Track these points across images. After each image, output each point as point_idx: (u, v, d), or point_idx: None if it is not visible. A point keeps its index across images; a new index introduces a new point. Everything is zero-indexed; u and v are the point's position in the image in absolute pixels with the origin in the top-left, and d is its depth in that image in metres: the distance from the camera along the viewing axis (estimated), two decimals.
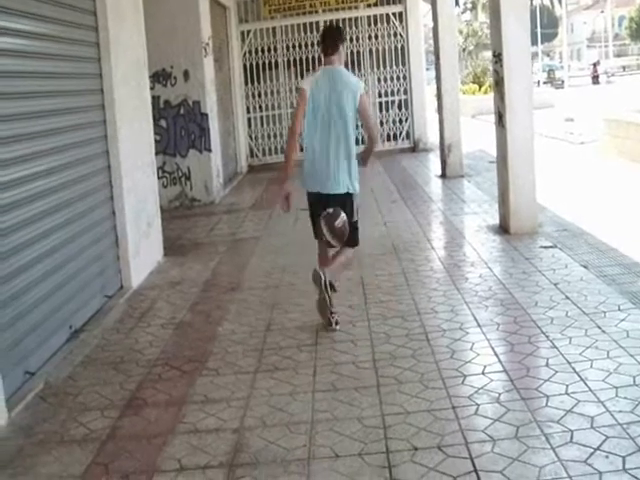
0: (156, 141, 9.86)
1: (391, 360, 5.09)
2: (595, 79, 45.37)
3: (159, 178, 10.43)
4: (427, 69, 20.09)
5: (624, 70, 55.24)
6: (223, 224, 11.01)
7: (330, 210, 5.82)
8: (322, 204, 5.95)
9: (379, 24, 17.51)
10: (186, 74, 12.45)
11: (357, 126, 6.03)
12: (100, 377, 5.30)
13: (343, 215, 5.79)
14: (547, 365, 4.77)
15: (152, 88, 10.52)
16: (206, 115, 12.65)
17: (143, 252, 7.93)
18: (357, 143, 6.03)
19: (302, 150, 6.15)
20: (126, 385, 5.10)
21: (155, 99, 11.57)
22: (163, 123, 12.42)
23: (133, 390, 5.01)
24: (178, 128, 12.62)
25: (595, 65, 48.14)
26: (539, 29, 44.14)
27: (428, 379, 4.72)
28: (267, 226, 10.36)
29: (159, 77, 12.32)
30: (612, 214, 9.32)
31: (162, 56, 11.94)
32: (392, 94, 17.81)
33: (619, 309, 5.66)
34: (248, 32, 17.32)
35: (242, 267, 8.21)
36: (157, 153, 9.67)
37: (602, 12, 70.57)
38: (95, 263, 6.82)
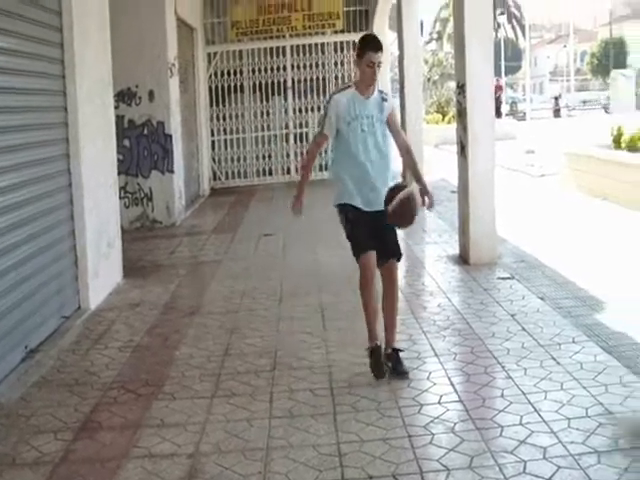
0: (119, 161, 9.82)
1: (348, 388, 5.11)
2: (556, 112, 46.02)
3: (121, 198, 10.36)
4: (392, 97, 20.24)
5: (584, 104, 56.11)
6: (184, 247, 10.97)
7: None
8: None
9: (345, 51, 17.63)
10: (151, 94, 12.43)
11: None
12: (54, 399, 5.24)
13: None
14: (502, 396, 4.81)
15: (117, 107, 10.52)
16: (170, 136, 12.63)
17: (102, 273, 7.87)
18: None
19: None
20: (81, 408, 5.05)
21: (119, 118, 11.53)
22: (126, 143, 12.36)
23: (88, 413, 4.96)
24: (141, 148, 12.57)
25: (557, 99, 48.82)
26: (503, 61, 44.75)
27: (384, 407, 4.74)
28: (228, 250, 10.34)
29: (124, 96, 12.29)
30: (570, 247, 9.44)
31: (127, 75, 11.90)
32: None
33: (574, 341, 5.74)
34: (215, 54, 17.36)
35: (202, 291, 8.19)
36: (119, 173, 9.62)
37: (565, 47, 71.72)
38: (53, 282, 6.75)
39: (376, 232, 5.32)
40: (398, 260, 5.49)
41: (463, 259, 8.63)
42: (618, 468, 3.78)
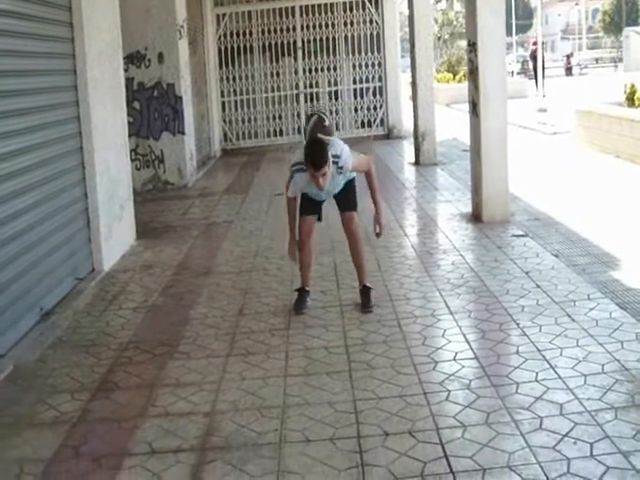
0: (129, 123, 9.76)
1: (363, 346, 5.11)
2: (568, 71, 45.58)
3: (132, 161, 10.35)
4: (402, 57, 20.10)
5: (597, 62, 55.56)
6: (196, 208, 10.96)
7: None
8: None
9: (355, 10, 17.48)
10: (160, 56, 12.36)
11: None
12: (71, 360, 5.26)
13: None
14: (517, 353, 4.81)
15: (126, 70, 10.47)
16: (180, 98, 12.57)
17: (115, 235, 7.87)
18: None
19: None
20: (97, 368, 5.07)
21: (129, 81, 11.48)
22: (137, 105, 12.32)
23: (104, 373, 4.99)
24: (152, 110, 12.53)
25: (569, 57, 48.35)
26: (514, 20, 44.21)
27: (400, 365, 4.74)
28: (240, 210, 10.33)
29: (133, 59, 12.22)
30: (583, 204, 9.40)
31: (136, 38, 11.86)
32: (367, 81, 17.80)
33: (589, 298, 5.72)
34: (223, 15, 17.22)
35: (215, 251, 8.18)
36: (130, 135, 9.59)
37: (576, 4, 70.92)
38: (66, 245, 6.76)
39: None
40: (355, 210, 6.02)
41: (476, 217, 8.59)
42: (635, 424, 3.77)
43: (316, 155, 5.43)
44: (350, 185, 5.98)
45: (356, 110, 17.58)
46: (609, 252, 7.12)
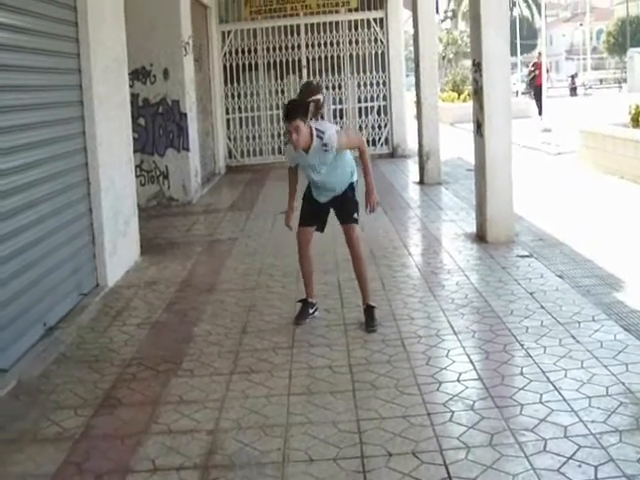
0: (134, 139, 9.80)
1: (367, 365, 5.10)
2: (573, 91, 45.70)
3: (137, 176, 10.36)
4: (407, 76, 20.14)
5: (601, 83, 55.71)
6: (200, 224, 10.98)
7: None
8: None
9: (360, 29, 17.57)
10: (166, 73, 12.41)
11: None
12: (74, 375, 5.26)
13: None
14: (522, 374, 4.80)
15: (131, 86, 10.51)
16: (185, 114, 12.61)
17: (120, 251, 7.88)
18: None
19: None
20: (100, 384, 5.07)
21: (134, 97, 11.54)
22: (142, 121, 12.38)
23: (107, 389, 4.98)
24: (157, 127, 12.57)
25: (573, 77, 48.50)
26: (518, 40, 44.40)
27: (404, 385, 4.73)
28: (244, 228, 10.34)
29: (138, 75, 12.27)
30: (587, 226, 9.40)
31: (142, 54, 11.90)
32: (372, 100, 17.86)
33: (593, 320, 5.71)
34: (229, 32, 17.32)
35: (219, 268, 8.18)
36: (135, 151, 9.61)
37: (581, 25, 71.11)
38: (71, 260, 6.77)
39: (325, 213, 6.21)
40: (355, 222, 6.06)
41: (480, 237, 8.59)
42: (639, 447, 3.76)
43: (288, 107, 5.73)
44: (350, 193, 6.05)
45: (361, 129, 17.59)
46: (614, 273, 7.11)
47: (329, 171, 5.88)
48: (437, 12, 19.20)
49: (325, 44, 17.52)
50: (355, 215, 6.04)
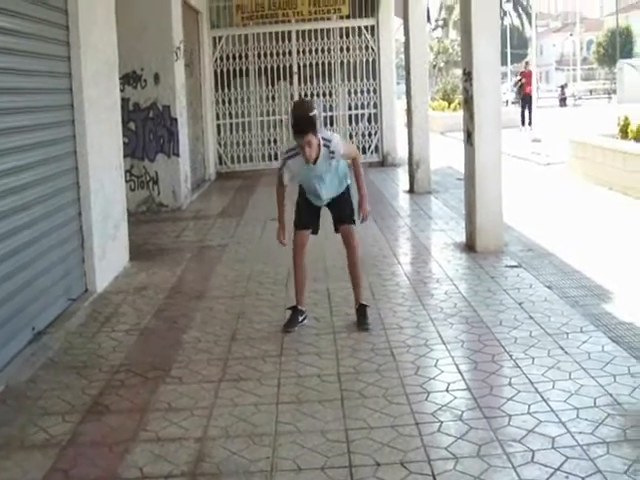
0: (124, 144, 9.77)
1: (356, 374, 5.10)
2: (562, 101, 45.93)
3: (126, 181, 10.34)
4: (397, 83, 20.21)
5: (591, 94, 56.01)
6: (190, 231, 10.96)
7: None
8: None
9: (351, 36, 17.61)
10: (156, 77, 12.39)
11: None
12: (62, 381, 5.24)
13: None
14: (510, 384, 4.81)
15: (122, 90, 10.44)
16: (175, 120, 12.60)
17: (109, 256, 7.86)
18: None
19: None
20: (88, 390, 5.05)
21: (125, 101, 11.49)
22: (132, 126, 12.34)
23: (95, 395, 4.96)
24: (147, 131, 12.55)
25: (563, 88, 48.74)
26: (509, 49, 44.63)
27: (392, 394, 4.73)
28: (234, 234, 10.34)
29: (129, 79, 12.24)
30: (576, 236, 9.44)
31: (133, 58, 11.89)
32: (362, 107, 17.88)
33: (582, 331, 5.73)
34: (220, 38, 17.31)
35: (208, 275, 8.17)
36: (125, 156, 9.61)
37: (571, 35, 71.52)
38: (60, 264, 6.74)
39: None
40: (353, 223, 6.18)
41: (470, 247, 8.61)
42: (627, 459, 3.76)
43: (301, 122, 5.65)
44: (345, 194, 6.11)
45: (351, 137, 17.60)
46: (602, 285, 7.15)
47: (332, 178, 5.96)
48: (428, 20, 19.31)
49: (316, 51, 17.55)
50: (351, 212, 6.12)
